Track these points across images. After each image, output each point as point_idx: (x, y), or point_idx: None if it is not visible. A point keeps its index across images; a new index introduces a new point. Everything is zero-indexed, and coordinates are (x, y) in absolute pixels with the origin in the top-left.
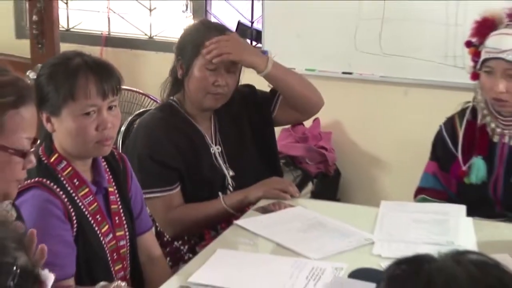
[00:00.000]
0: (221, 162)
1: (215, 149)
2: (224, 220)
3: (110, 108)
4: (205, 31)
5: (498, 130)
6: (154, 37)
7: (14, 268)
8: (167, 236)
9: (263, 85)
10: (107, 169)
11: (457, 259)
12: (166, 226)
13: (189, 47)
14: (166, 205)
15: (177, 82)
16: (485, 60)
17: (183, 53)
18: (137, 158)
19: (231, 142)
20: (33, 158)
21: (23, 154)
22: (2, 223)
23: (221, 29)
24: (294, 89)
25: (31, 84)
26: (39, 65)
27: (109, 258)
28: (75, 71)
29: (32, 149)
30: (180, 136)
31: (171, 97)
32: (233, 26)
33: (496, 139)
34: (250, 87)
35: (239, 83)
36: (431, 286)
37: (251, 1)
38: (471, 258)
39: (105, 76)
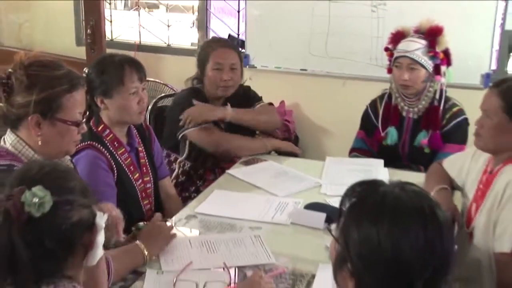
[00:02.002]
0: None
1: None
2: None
3: (142, 89)
4: (212, 44)
5: (405, 107)
6: (171, 45)
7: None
8: (181, 180)
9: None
10: (137, 135)
11: (401, 187)
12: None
13: (202, 56)
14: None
15: (197, 79)
16: (396, 58)
17: (199, 61)
18: (180, 110)
19: None
20: (84, 126)
21: (77, 124)
22: (69, 175)
23: (223, 41)
24: (250, 124)
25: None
26: (92, 64)
27: (139, 196)
28: (122, 64)
29: (84, 120)
30: None
31: (198, 85)
32: (225, 37)
33: (404, 114)
34: (248, 87)
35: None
36: (384, 202)
37: (237, 20)
38: (411, 187)
39: (139, 67)
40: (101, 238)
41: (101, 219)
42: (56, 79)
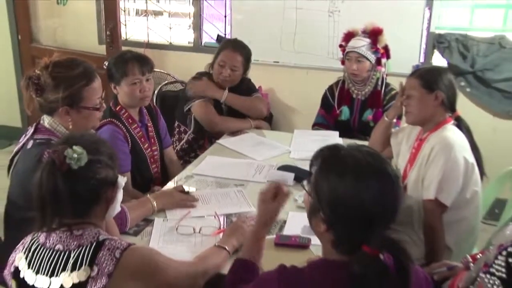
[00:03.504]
0: (224, 111)
1: (224, 107)
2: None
3: (147, 80)
4: (226, 44)
5: (355, 91)
6: (172, 43)
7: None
8: (184, 147)
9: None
10: (147, 114)
11: (358, 149)
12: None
13: (217, 50)
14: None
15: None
16: (347, 52)
17: (215, 53)
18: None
19: None
20: (104, 105)
21: (98, 108)
22: (103, 144)
23: (235, 44)
24: (239, 108)
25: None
26: (109, 59)
27: (148, 161)
28: (127, 60)
29: (103, 100)
30: None
31: (208, 71)
32: (214, 37)
33: (354, 96)
34: (249, 80)
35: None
36: (346, 161)
37: (224, 23)
38: (366, 149)
39: (143, 62)
40: (120, 196)
41: (122, 180)
42: (75, 77)
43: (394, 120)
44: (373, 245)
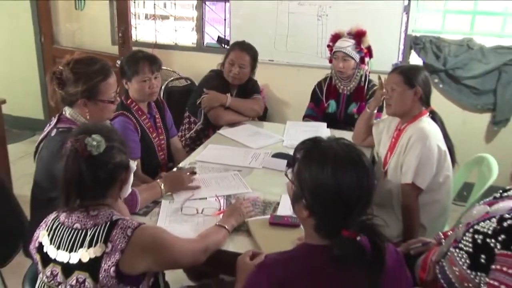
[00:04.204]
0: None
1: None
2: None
3: (155, 78)
4: (235, 45)
5: (341, 86)
6: (178, 44)
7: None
8: (192, 135)
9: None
10: (155, 106)
11: (336, 142)
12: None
13: (227, 50)
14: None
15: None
16: (334, 52)
17: (225, 54)
18: (205, 86)
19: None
20: (118, 99)
21: (113, 101)
22: (114, 132)
23: (243, 45)
24: (240, 110)
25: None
26: (122, 57)
27: (156, 149)
28: (138, 60)
29: (117, 94)
30: (219, 87)
31: (221, 69)
32: (215, 38)
33: (340, 91)
34: (255, 81)
35: (254, 77)
36: (326, 152)
37: (224, 26)
38: (344, 141)
39: (152, 62)
40: (131, 178)
41: (133, 164)
42: (93, 73)
43: (375, 111)
44: (351, 229)
